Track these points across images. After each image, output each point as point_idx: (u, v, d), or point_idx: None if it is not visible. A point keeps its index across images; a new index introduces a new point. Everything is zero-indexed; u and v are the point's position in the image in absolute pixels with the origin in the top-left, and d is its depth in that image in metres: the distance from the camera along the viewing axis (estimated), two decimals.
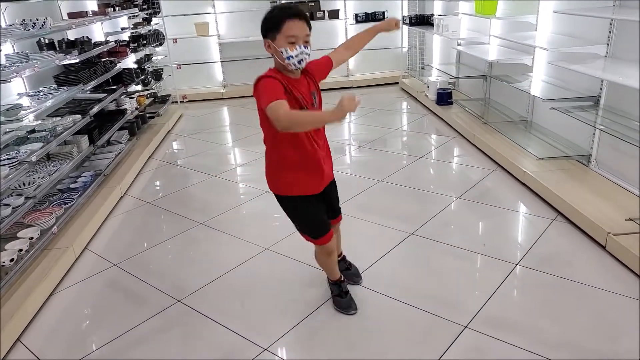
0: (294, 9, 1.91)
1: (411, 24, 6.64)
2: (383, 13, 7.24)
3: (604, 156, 3.49)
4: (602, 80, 3.39)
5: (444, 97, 5.54)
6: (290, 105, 1.84)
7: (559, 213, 3.19)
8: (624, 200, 3.07)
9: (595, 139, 3.53)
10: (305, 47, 1.90)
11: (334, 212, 2.37)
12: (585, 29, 3.63)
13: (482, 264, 2.76)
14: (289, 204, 2.19)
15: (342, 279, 2.47)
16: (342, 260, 2.65)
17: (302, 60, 1.91)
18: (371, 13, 7.25)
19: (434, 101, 5.67)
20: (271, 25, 1.92)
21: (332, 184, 2.30)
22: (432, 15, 6.25)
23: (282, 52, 1.89)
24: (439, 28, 5.56)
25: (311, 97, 2.03)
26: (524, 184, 3.64)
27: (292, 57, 1.89)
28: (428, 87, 5.94)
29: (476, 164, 4.19)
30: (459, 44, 5.43)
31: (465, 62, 5.86)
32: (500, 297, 2.44)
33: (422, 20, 6.56)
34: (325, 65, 2.17)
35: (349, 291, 2.46)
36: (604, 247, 2.76)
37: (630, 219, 2.79)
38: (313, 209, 2.17)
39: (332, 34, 7.49)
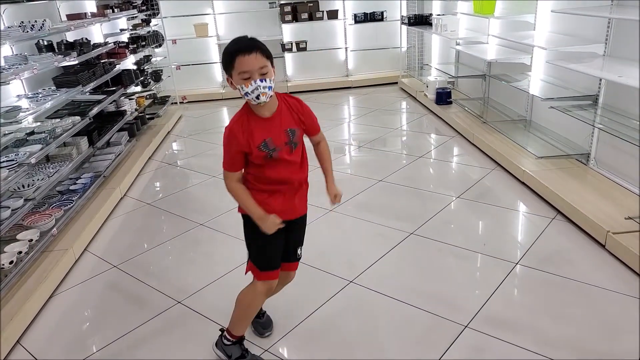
0: (243, 42, 1.78)
1: (410, 24, 6.64)
2: (382, 13, 7.25)
3: (603, 155, 3.49)
4: (601, 79, 3.40)
5: (443, 97, 5.54)
6: (254, 155, 1.84)
7: (559, 212, 3.19)
8: (623, 199, 3.07)
9: (594, 137, 3.53)
10: (262, 81, 1.75)
11: (292, 256, 2.11)
12: (583, 28, 3.63)
13: (482, 263, 2.76)
14: (246, 223, 2.05)
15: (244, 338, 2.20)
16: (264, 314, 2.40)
17: (260, 95, 1.77)
18: (370, 13, 7.25)
19: (433, 101, 5.67)
20: (225, 63, 1.81)
21: (299, 223, 2.07)
22: (431, 15, 6.25)
23: (239, 89, 1.79)
24: (438, 28, 5.56)
25: (286, 136, 1.87)
26: (523, 183, 3.64)
27: (248, 93, 1.77)
28: (427, 86, 5.94)
29: (476, 163, 4.19)
30: (457, 44, 5.43)
31: (464, 62, 5.86)
32: (500, 297, 2.44)
33: (420, 20, 6.56)
34: (315, 126, 2.02)
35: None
36: (603, 246, 2.76)
37: (630, 218, 2.79)
38: (273, 237, 1.93)
39: (331, 34, 7.50)
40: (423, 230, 3.10)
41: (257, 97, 1.78)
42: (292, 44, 7.28)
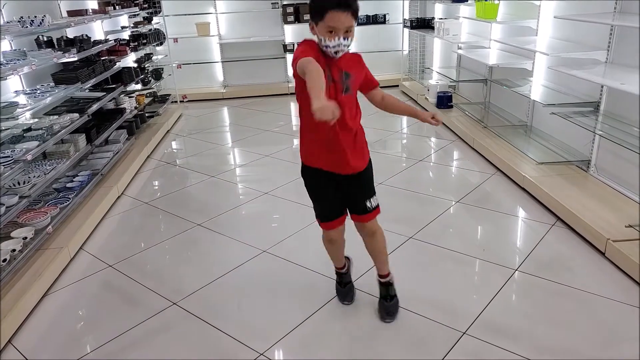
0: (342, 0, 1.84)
1: (412, 27, 6.63)
2: (384, 16, 7.23)
3: (604, 162, 3.47)
4: (602, 86, 3.38)
5: (444, 101, 5.52)
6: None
7: (558, 218, 3.17)
8: (623, 207, 3.05)
9: (595, 144, 3.51)
10: (344, 39, 1.88)
11: (354, 209, 2.18)
12: (586, 34, 3.62)
13: (481, 268, 2.74)
14: (303, 173, 2.19)
15: (344, 269, 2.45)
16: (383, 285, 2.38)
17: (339, 51, 1.90)
18: (372, 16, 7.24)
19: (434, 104, 5.65)
20: (314, 12, 1.88)
21: (356, 178, 2.12)
22: (433, 18, 6.23)
23: (320, 40, 1.90)
24: (440, 31, 5.55)
25: (340, 76, 1.96)
26: (523, 189, 3.62)
27: (329, 46, 1.88)
28: (428, 90, 5.92)
29: (476, 167, 4.17)
30: (459, 48, 5.41)
31: (465, 66, 5.85)
32: (499, 303, 2.41)
33: (423, 24, 6.55)
34: (372, 82, 2.15)
35: (350, 282, 2.48)
36: (603, 254, 2.74)
37: (630, 226, 2.77)
38: (322, 189, 2.14)
39: None
40: (422, 235, 3.08)
41: (336, 53, 1.90)
42: (294, 44, 7.26)
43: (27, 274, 2.69)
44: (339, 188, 2.13)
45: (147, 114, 5.73)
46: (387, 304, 2.34)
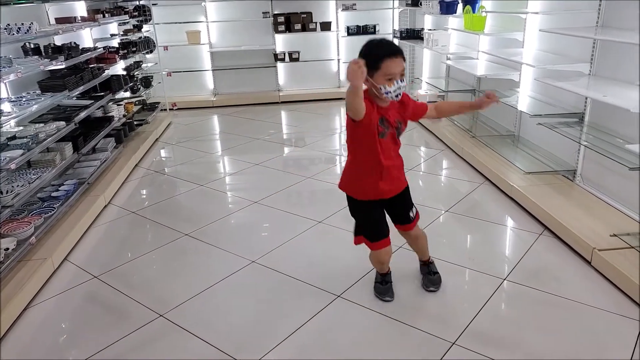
0: (392, 47, 2.03)
1: (402, 38, 6.68)
2: (374, 26, 7.29)
3: (589, 172, 3.52)
4: (587, 98, 3.43)
5: None
6: (372, 124, 2.10)
7: (546, 227, 3.20)
8: (608, 216, 3.08)
9: (580, 154, 3.56)
10: (402, 82, 2.05)
11: (400, 220, 2.45)
12: (570, 47, 3.68)
13: (470, 278, 2.75)
14: (349, 202, 2.39)
15: (389, 271, 2.60)
16: (425, 265, 2.68)
17: (399, 94, 2.08)
18: (362, 26, 7.29)
19: None
20: (370, 63, 1.95)
21: (400, 196, 2.37)
22: (422, 29, 6.29)
23: (380, 89, 2.04)
24: (429, 42, 5.60)
25: (395, 124, 2.19)
26: (511, 198, 3.65)
27: (390, 92, 2.04)
28: (418, 99, 5.95)
29: (464, 177, 4.20)
30: (448, 59, 5.47)
31: (454, 76, 5.90)
32: (488, 313, 2.42)
33: (412, 35, 6.60)
34: (421, 109, 2.36)
35: (391, 281, 2.60)
36: (589, 263, 2.76)
37: (615, 235, 2.80)
38: (370, 213, 2.34)
39: (324, 45, 7.51)
40: None
41: (397, 96, 2.08)
42: (284, 54, 7.28)
43: (9, 286, 2.63)
44: (385, 207, 2.38)
45: (135, 122, 5.70)
46: (432, 277, 2.63)
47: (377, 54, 2.00)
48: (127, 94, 5.93)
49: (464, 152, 4.51)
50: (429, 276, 2.64)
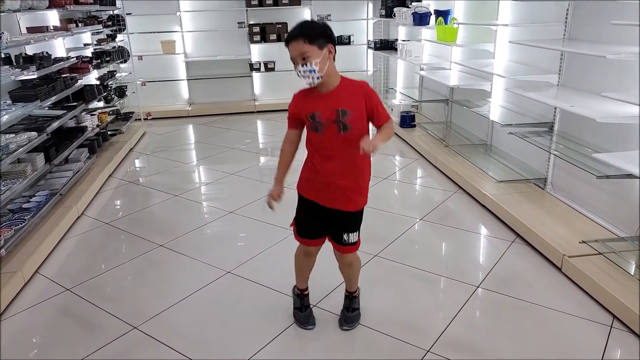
0: (291, 32, 1.95)
1: (376, 49, 6.78)
2: (349, 37, 7.37)
3: (559, 180, 3.62)
4: (555, 108, 3.54)
5: (407, 120, 5.65)
6: (306, 123, 2.06)
7: (518, 235, 3.27)
8: (578, 223, 3.18)
9: (551, 163, 3.66)
10: (302, 65, 1.93)
11: (334, 237, 2.23)
12: (539, 59, 3.80)
13: (444, 285, 2.79)
14: (299, 197, 2.26)
15: (306, 292, 2.46)
16: (348, 297, 2.47)
17: (306, 77, 1.95)
18: (337, 37, 7.33)
19: (397, 124, 5.77)
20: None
21: (340, 215, 2.15)
22: (396, 40, 6.40)
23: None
24: (403, 53, 5.70)
25: (335, 114, 1.98)
26: (484, 206, 3.72)
27: (299, 76, 1.97)
28: (392, 110, 6.04)
29: (438, 185, 4.27)
30: (421, 69, 5.57)
31: (427, 87, 6.01)
32: (462, 320, 2.46)
33: (386, 45, 6.71)
34: (383, 116, 2.10)
35: (310, 306, 2.48)
36: (559, 269, 2.84)
37: (584, 242, 2.89)
38: (309, 215, 2.21)
39: None
40: (387, 253, 3.12)
41: (305, 79, 1.96)
42: (260, 63, 7.30)
43: None
44: (324, 216, 2.18)
45: (109, 132, 5.61)
46: (349, 314, 2.43)
47: (285, 41, 1.99)
48: (101, 104, 5.84)
49: (438, 161, 4.59)
50: (347, 312, 2.42)
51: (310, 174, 2.14)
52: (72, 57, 4.86)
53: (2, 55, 3.85)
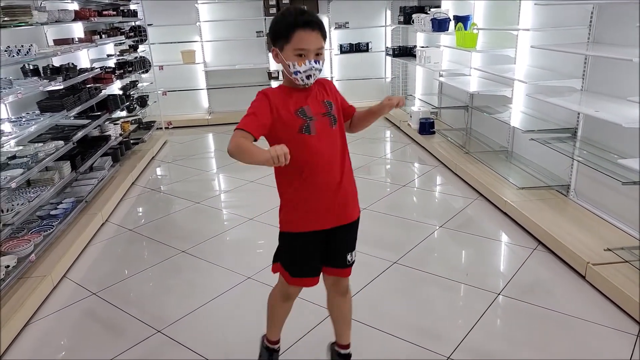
0: (306, 16, 1.64)
1: (394, 55, 6.80)
2: (367, 44, 7.41)
3: (583, 186, 3.57)
4: (579, 113, 3.50)
5: (427, 127, 5.63)
6: (290, 124, 1.71)
7: (540, 242, 3.23)
8: (602, 230, 3.12)
9: (574, 169, 3.61)
10: (316, 63, 1.67)
11: (335, 262, 1.91)
12: (562, 63, 3.76)
13: (464, 293, 2.77)
14: (292, 240, 1.91)
15: (278, 345, 2.14)
16: (341, 348, 2.10)
17: (310, 75, 1.69)
18: (355, 44, 7.41)
19: (416, 130, 5.76)
20: (280, 34, 1.67)
21: (348, 228, 1.89)
22: (415, 46, 6.41)
23: (289, 66, 1.68)
24: (422, 59, 5.70)
25: (324, 106, 1.77)
26: (505, 213, 3.69)
27: (299, 72, 1.67)
28: (411, 116, 6.04)
29: (458, 192, 4.25)
30: (440, 75, 5.56)
31: (447, 93, 5.99)
32: (482, 327, 2.44)
33: (405, 52, 6.72)
34: (346, 110, 1.91)
35: None
36: (583, 277, 2.79)
37: (609, 249, 2.84)
38: (310, 251, 1.87)
39: None
40: (406, 260, 3.11)
41: (308, 77, 1.69)
42: (278, 72, 7.38)
43: (9, 303, 2.64)
44: (323, 243, 1.87)
45: (132, 141, 5.73)
46: None
47: (288, 23, 1.64)
48: (124, 113, 5.97)
49: (458, 168, 4.57)
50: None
51: (304, 202, 1.80)
52: (96, 68, 5.00)
53: (31, 67, 3.98)
